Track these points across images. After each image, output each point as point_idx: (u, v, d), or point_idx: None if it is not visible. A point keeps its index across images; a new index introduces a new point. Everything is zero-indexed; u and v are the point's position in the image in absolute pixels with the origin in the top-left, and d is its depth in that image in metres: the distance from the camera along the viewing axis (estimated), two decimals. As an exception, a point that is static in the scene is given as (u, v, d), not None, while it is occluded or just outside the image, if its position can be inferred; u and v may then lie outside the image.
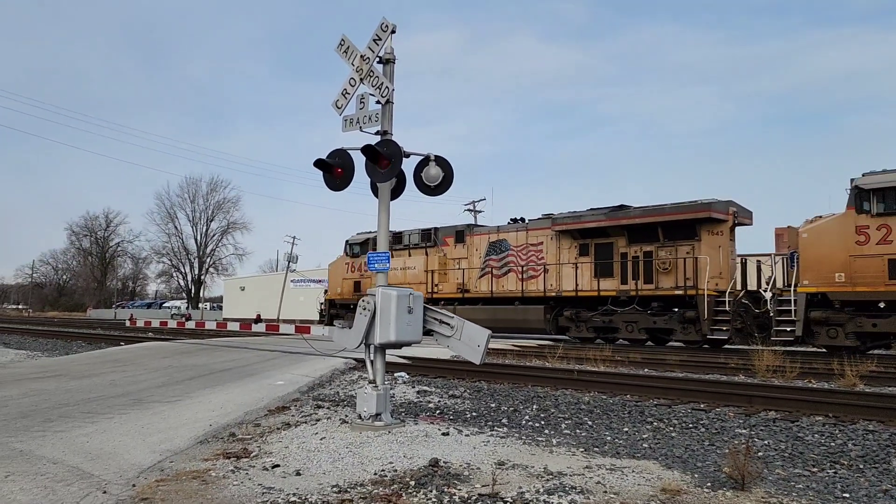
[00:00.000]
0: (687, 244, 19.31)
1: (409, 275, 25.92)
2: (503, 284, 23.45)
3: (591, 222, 21.31)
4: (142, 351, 15.44)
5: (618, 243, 20.91)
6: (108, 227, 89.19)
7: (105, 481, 4.65)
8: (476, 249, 24.54)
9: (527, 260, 23.05)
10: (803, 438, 6.55)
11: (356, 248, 28.08)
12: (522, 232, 23.34)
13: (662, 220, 19.77)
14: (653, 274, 19.92)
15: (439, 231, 25.91)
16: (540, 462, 5.33)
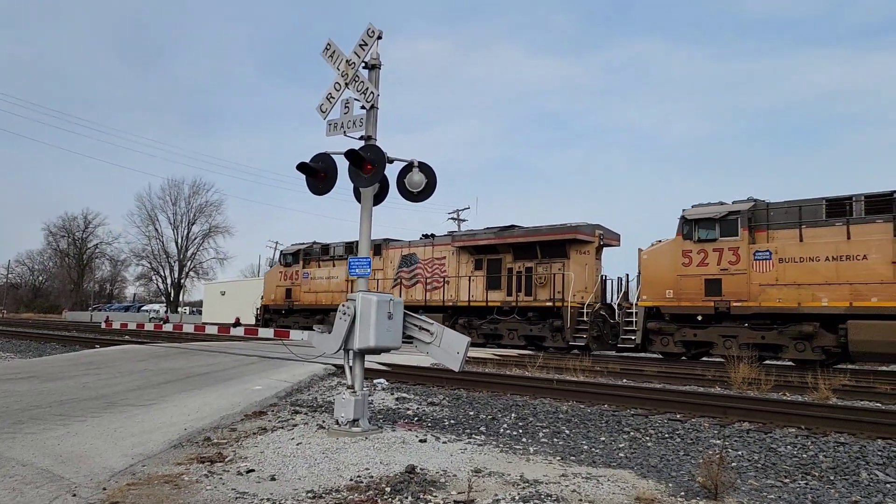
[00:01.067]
0: (559, 262, 22.10)
1: (333, 284, 28.86)
2: (411, 294, 25.72)
3: (483, 240, 24.07)
4: (117, 354, 15.25)
5: (505, 259, 23.58)
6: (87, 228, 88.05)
7: (75, 484, 4.59)
8: (391, 262, 27.00)
9: (432, 272, 25.56)
10: (776, 450, 6.62)
11: (289, 259, 31.29)
12: (429, 247, 25.87)
13: (539, 240, 22.57)
14: (532, 287, 22.59)
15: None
16: (516, 470, 5.34)
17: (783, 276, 16.63)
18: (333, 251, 29.70)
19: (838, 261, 15.85)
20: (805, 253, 16.41)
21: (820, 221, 16.43)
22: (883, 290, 15.10)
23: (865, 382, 12.27)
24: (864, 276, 15.42)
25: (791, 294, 16.46)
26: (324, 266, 29.79)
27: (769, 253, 16.89)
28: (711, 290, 17.60)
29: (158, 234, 79.37)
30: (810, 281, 16.19)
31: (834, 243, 15.99)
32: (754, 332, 17.10)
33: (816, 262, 16.17)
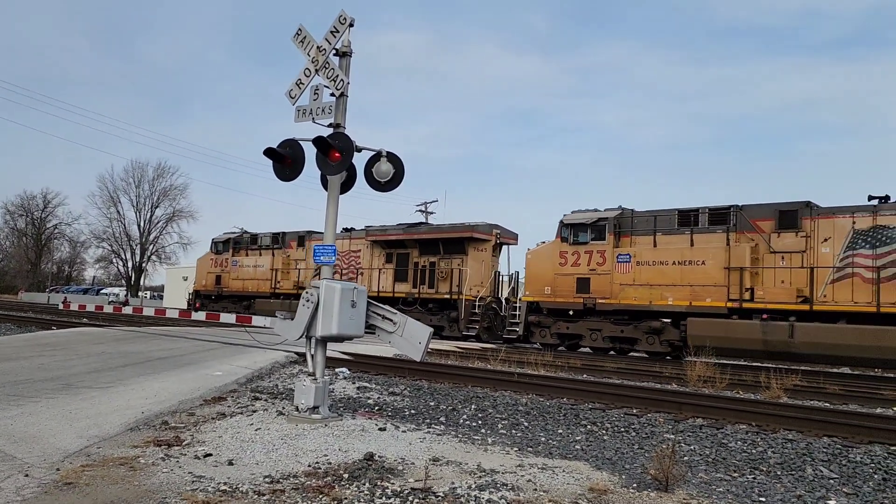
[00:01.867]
0: (458, 258, 23.83)
1: (259, 272, 30.40)
2: None
3: (393, 235, 25.77)
4: (75, 336, 14.97)
5: (412, 254, 25.20)
6: (46, 207, 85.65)
7: (28, 464, 4.53)
8: (310, 253, 27.85)
9: (348, 264, 26.90)
10: (727, 445, 6.80)
11: (220, 246, 32.86)
12: (347, 240, 27.07)
13: (442, 237, 24.37)
14: (434, 281, 24.22)
15: (286, 235, 30.04)
16: (474, 460, 5.41)
17: (639, 277, 18.55)
18: (261, 241, 31.09)
19: (683, 265, 17.91)
20: (658, 257, 18.38)
21: (672, 230, 18.43)
22: (715, 291, 17.17)
23: (816, 383, 12.64)
24: (702, 279, 17.49)
25: (645, 293, 18.38)
26: (251, 255, 31.22)
27: (629, 256, 18.86)
28: (582, 288, 19.55)
29: (120, 217, 77.72)
30: (661, 282, 18.16)
31: (680, 249, 18.07)
32: (615, 326, 18.98)
33: (666, 266, 18.15)
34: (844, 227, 16.05)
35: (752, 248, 17.10)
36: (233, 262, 31.88)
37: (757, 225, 17.21)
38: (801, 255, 16.40)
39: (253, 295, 30.32)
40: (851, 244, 15.91)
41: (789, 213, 16.79)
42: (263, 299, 29.56)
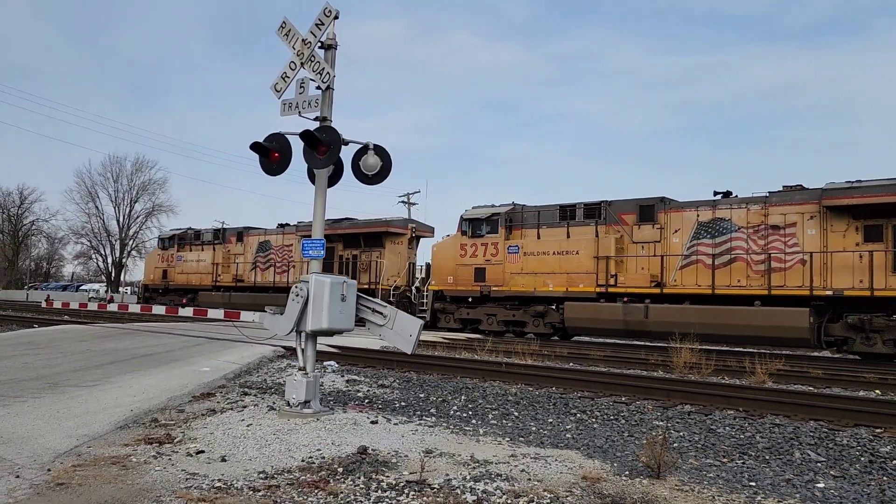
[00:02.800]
0: (377, 251, 25.71)
1: (201, 266, 31.98)
2: (265, 276, 29.24)
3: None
4: (58, 334, 14.80)
5: (337, 248, 26.68)
6: (23, 203, 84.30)
7: (18, 465, 4.49)
8: (250, 248, 30.22)
9: (282, 258, 28.72)
10: (716, 431, 6.89)
11: (166, 242, 34.66)
12: (281, 235, 29.00)
13: (362, 232, 26.29)
14: (357, 272, 25.57)
15: (227, 231, 31.85)
16: (467, 451, 5.43)
17: (526, 267, 20.55)
18: (203, 237, 32.67)
19: (561, 255, 19.99)
20: (541, 248, 20.42)
21: (553, 223, 20.47)
22: (587, 278, 19.27)
23: (799, 367, 12.81)
24: (576, 267, 19.60)
25: (530, 281, 20.42)
26: (194, 250, 32.75)
27: (518, 247, 20.86)
28: (479, 277, 21.54)
29: (99, 212, 76.64)
30: (543, 270, 20.19)
31: (559, 241, 20.13)
32: (508, 311, 20.94)
33: (547, 256, 20.23)
34: (691, 220, 18.18)
35: (617, 238, 19.22)
36: (178, 258, 33.38)
37: (622, 218, 19.29)
38: (657, 245, 18.55)
39: (196, 288, 32.01)
40: (696, 234, 18.04)
41: (648, 208, 18.85)
42: (206, 292, 31.28)
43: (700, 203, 18.27)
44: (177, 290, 33.32)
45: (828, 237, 16.25)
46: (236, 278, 30.11)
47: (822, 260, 16.13)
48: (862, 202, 15.70)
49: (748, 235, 17.34)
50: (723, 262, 17.41)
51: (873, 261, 15.30)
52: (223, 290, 30.40)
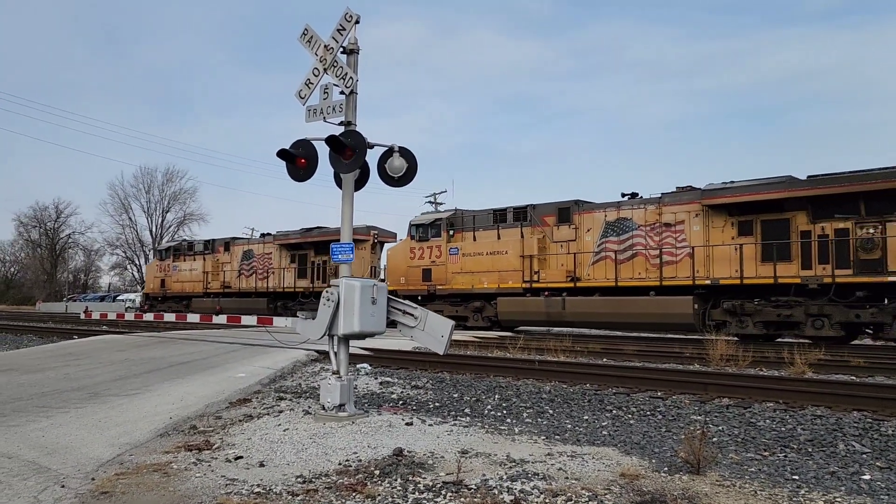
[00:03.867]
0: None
1: (193, 275, 35.00)
2: (249, 283, 32.19)
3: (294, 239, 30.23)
4: (97, 344, 15.11)
5: (310, 254, 29.60)
6: (59, 217, 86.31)
7: (63, 475, 4.58)
8: (236, 256, 33.10)
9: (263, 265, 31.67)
10: (755, 424, 6.77)
11: (163, 253, 37.93)
12: (261, 244, 32.18)
13: (328, 239, 27.22)
14: (326, 276, 28.17)
15: (216, 242, 34.96)
16: (503, 450, 5.41)
17: (465, 267, 22.79)
18: (195, 247, 35.82)
19: (493, 255, 22.19)
20: (477, 249, 22.65)
21: (487, 226, 22.64)
22: (515, 275, 21.51)
23: (839, 357, 12.55)
24: (506, 265, 21.79)
25: (469, 279, 22.70)
26: (188, 260, 35.66)
27: (458, 249, 23.15)
28: (426, 277, 23.77)
29: (132, 223, 78.41)
30: (479, 269, 22.43)
31: (492, 242, 22.36)
32: (452, 307, 22.90)
33: (482, 256, 22.47)
34: (600, 220, 20.36)
35: (539, 239, 21.43)
36: (173, 268, 36.38)
37: (544, 220, 21.44)
38: (572, 244, 20.77)
39: (190, 295, 34.95)
40: (605, 233, 20.21)
41: (565, 210, 21.10)
42: (198, 298, 34.23)
43: (608, 205, 20.48)
44: (173, 297, 36.30)
45: (709, 232, 18.24)
46: (224, 285, 33.17)
47: (705, 253, 18.21)
48: (733, 200, 17.72)
49: (646, 233, 19.39)
50: (626, 257, 19.62)
51: (743, 252, 17.43)
52: (213, 295, 33.39)
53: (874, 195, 15.79)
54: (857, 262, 15.88)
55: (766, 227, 17.40)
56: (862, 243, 15.84)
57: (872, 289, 15.74)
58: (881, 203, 15.77)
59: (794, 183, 16.96)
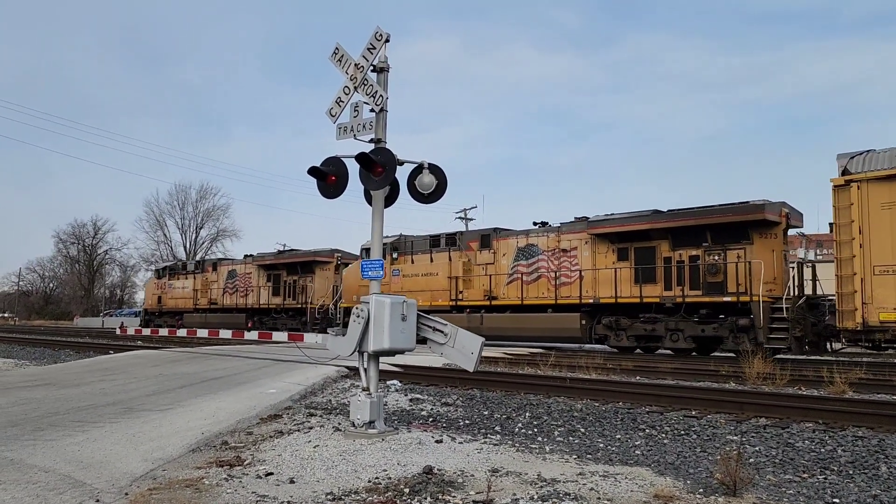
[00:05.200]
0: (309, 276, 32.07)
1: (185, 292, 38.53)
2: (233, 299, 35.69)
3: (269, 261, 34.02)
4: (131, 359, 15.34)
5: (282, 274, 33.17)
6: (96, 234, 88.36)
7: (97, 490, 4.63)
8: (222, 276, 36.61)
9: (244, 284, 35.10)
10: (794, 445, 6.60)
11: (160, 272, 41.62)
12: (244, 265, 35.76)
13: (299, 261, 32.20)
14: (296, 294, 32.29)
15: (205, 262, 39.46)
16: (533, 469, 5.35)
17: (405, 286, 24.97)
18: (188, 267, 39.73)
19: (427, 276, 24.91)
20: (415, 271, 25.38)
21: (424, 250, 25.32)
22: (444, 294, 24.34)
23: (882, 375, 12.20)
24: (437, 285, 24.56)
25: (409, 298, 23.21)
26: (181, 278, 39.22)
27: (399, 271, 25.86)
28: None
29: (167, 239, 79.81)
30: (416, 289, 24.49)
31: (426, 265, 25.07)
32: None
33: (418, 277, 25.16)
34: (513, 246, 23.07)
35: (464, 262, 24.23)
36: (169, 285, 39.97)
37: (470, 245, 24.34)
38: (490, 266, 23.53)
39: (182, 310, 38.31)
40: (517, 257, 22.84)
41: (486, 236, 23.99)
42: (189, 313, 37.58)
43: (520, 232, 23.28)
44: (168, 312, 39.73)
45: (596, 257, 21.03)
46: (210, 301, 36.75)
47: (592, 275, 20.95)
48: (612, 230, 20.42)
49: (548, 257, 22.07)
50: (532, 278, 22.39)
51: (621, 275, 20.15)
52: (201, 311, 36.83)
53: (717, 227, 18.44)
54: (705, 285, 18.56)
55: (639, 254, 20.09)
56: (709, 268, 18.50)
57: (715, 307, 18.29)
58: (722, 234, 18.41)
59: (658, 216, 19.72)
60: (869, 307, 14.77)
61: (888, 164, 14.77)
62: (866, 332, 14.89)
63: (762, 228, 18.09)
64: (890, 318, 14.51)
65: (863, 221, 14.94)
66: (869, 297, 14.78)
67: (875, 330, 14.74)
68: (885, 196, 14.70)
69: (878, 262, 14.75)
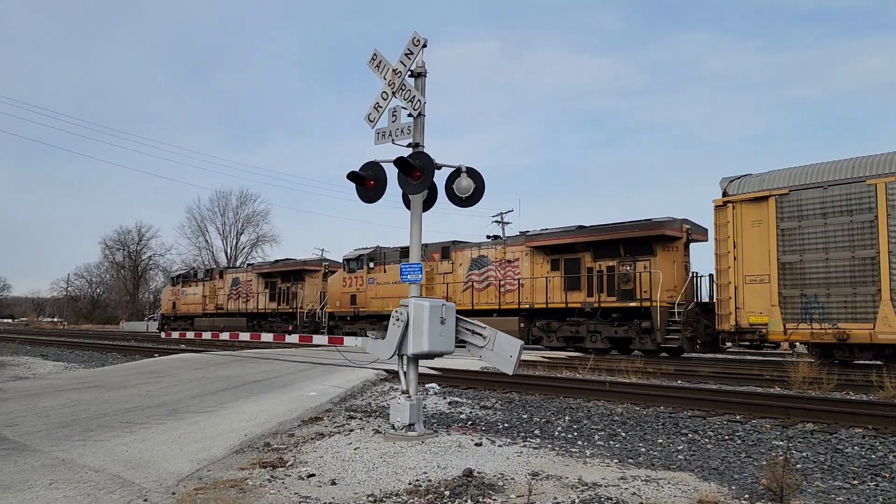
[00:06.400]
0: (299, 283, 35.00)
1: (196, 298, 42.10)
2: (236, 305, 38.80)
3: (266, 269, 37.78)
4: (175, 362, 15.67)
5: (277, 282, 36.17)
6: (141, 240, 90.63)
7: (146, 489, 4.75)
8: (228, 283, 39.77)
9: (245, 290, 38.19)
10: (843, 451, 6.43)
11: (175, 280, 45.78)
12: (245, 273, 39.30)
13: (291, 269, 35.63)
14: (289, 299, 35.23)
15: (213, 270, 44.17)
16: (574, 473, 5.31)
17: (378, 293, 28.38)
18: (198, 275, 43.72)
19: (397, 284, 26.90)
20: (387, 279, 28.17)
21: (395, 261, 27.83)
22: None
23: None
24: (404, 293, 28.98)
25: (381, 304, 28.03)
26: (193, 286, 42.98)
27: (373, 279, 28.90)
28: (353, 302, 29.70)
29: (208, 245, 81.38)
30: (387, 295, 27.60)
31: (396, 273, 26.82)
32: (370, 325, 28.32)
33: (389, 285, 27.88)
34: (468, 257, 25.87)
35: (428, 272, 26.07)
36: (182, 292, 43.65)
37: (433, 256, 26.78)
38: (449, 275, 26.28)
39: (194, 315, 41.86)
40: (471, 267, 25.63)
41: (446, 248, 26.67)
42: (199, 318, 40.99)
43: (473, 244, 26.19)
44: (181, 316, 43.46)
45: (533, 267, 23.69)
46: (217, 306, 40.16)
47: (530, 283, 23.59)
48: (545, 243, 23.21)
49: (496, 267, 24.69)
50: (483, 286, 25.17)
51: (553, 283, 23.00)
52: (209, 315, 40.16)
53: (628, 241, 21.31)
54: (619, 292, 21.29)
55: (567, 265, 22.86)
56: (621, 277, 21.28)
57: (626, 311, 20.90)
58: (632, 247, 21.26)
59: (581, 231, 22.44)
60: (741, 311, 17.14)
61: (758, 187, 17.08)
62: (739, 332, 17.21)
63: (664, 242, 20.81)
64: (757, 321, 16.84)
65: (737, 237, 17.33)
66: (741, 302, 17.15)
67: (746, 331, 17.07)
68: (755, 215, 17.08)
69: (748, 272, 17.07)
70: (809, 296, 16.05)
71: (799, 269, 16.25)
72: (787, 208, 16.49)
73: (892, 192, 14.91)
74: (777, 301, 16.50)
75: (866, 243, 15.27)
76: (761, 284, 16.79)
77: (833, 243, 15.77)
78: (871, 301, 15.11)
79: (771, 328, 16.57)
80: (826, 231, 15.89)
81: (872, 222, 15.19)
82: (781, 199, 16.60)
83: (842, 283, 15.59)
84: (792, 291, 16.34)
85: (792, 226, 16.42)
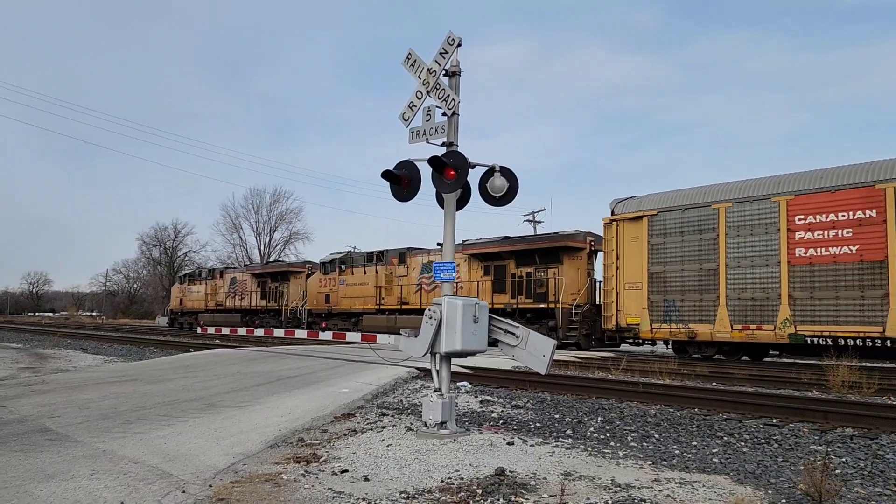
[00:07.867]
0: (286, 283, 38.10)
1: (200, 295, 45.24)
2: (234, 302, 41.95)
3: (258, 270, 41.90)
4: (211, 357, 15.92)
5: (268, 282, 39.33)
6: (177, 237, 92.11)
7: (183, 481, 4.84)
8: (227, 282, 42.93)
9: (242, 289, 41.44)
10: (884, 456, 6.29)
11: (182, 279, 49.86)
12: (242, 273, 43.05)
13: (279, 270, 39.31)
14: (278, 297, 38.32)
15: (215, 270, 47.20)
16: (607, 474, 5.28)
17: (347, 294, 31.77)
18: (202, 274, 47.30)
19: (362, 286, 30.98)
20: (354, 281, 31.51)
21: (361, 264, 31.40)
22: (371, 300, 30.36)
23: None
24: (367, 293, 30.72)
25: (349, 303, 31.64)
26: (198, 284, 46.30)
27: (344, 281, 32.16)
28: (327, 301, 33.04)
29: (242, 242, 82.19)
30: (354, 296, 31.31)
31: (361, 276, 31.17)
32: (342, 321, 32.20)
33: (356, 286, 31.27)
34: (420, 262, 28.75)
35: (387, 275, 29.93)
36: (188, 290, 47.07)
37: (392, 261, 29.94)
38: (404, 278, 29.13)
39: (197, 311, 45.18)
40: (422, 271, 28.33)
41: (403, 254, 29.62)
42: (202, 313, 44.17)
43: (425, 251, 28.96)
44: (187, 312, 46.68)
45: (470, 272, 26.87)
46: (217, 304, 43.34)
47: (468, 286, 26.52)
48: (477, 252, 26.46)
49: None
50: (431, 288, 27.60)
51: (484, 287, 26.12)
52: (210, 312, 43.41)
53: (541, 251, 24.63)
54: (534, 294, 24.53)
55: (496, 270, 26.05)
56: (536, 282, 24.53)
57: (538, 312, 24.19)
58: (545, 256, 24.54)
59: (506, 241, 25.80)
60: (621, 313, 20.66)
61: (636, 208, 20.48)
62: (619, 331, 20.77)
63: (570, 252, 24.15)
64: (633, 321, 20.37)
65: (620, 250, 20.83)
66: (622, 305, 20.67)
67: (624, 330, 20.62)
68: (633, 232, 20.50)
69: (628, 280, 20.55)
70: (669, 301, 19.51)
71: (662, 278, 19.71)
72: (656, 227, 19.87)
73: (730, 215, 18.22)
74: (647, 305, 19.96)
75: (711, 257, 18.66)
76: (636, 290, 20.29)
77: (687, 257, 19.19)
78: (713, 305, 18.50)
79: (642, 328, 20.06)
80: (683, 247, 19.36)
81: (715, 240, 18.58)
82: (652, 219, 19.99)
83: (692, 291, 19.01)
84: (657, 297, 19.80)
85: (659, 241, 19.89)
